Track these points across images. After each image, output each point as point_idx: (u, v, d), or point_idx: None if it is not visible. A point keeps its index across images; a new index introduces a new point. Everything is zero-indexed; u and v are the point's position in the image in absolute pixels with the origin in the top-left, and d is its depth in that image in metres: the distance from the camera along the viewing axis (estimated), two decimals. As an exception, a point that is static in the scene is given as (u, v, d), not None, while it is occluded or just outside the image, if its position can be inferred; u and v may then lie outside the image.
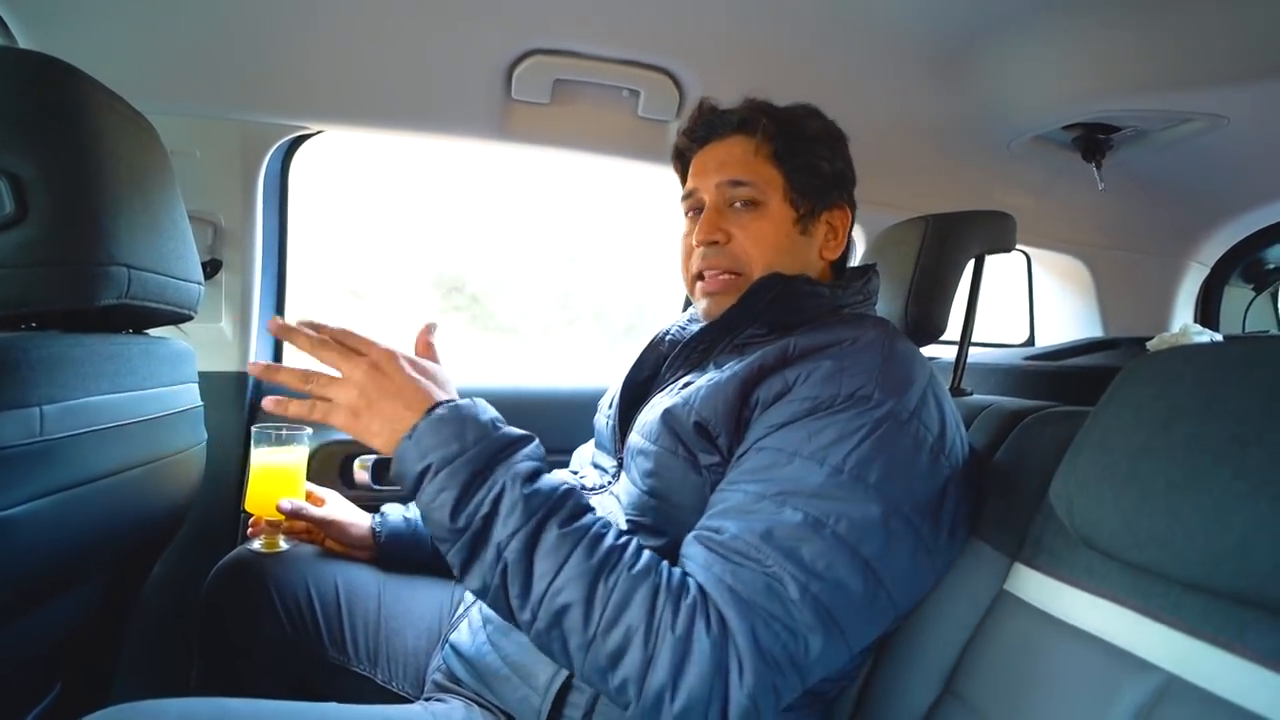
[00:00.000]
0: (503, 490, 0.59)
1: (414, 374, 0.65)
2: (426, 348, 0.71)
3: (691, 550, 0.62)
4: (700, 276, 0.83)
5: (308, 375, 0.65)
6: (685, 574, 0.60)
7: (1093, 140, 1.34)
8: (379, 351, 0.65)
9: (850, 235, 0.87)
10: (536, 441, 0.65)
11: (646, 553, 0.61)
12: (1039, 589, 0.66)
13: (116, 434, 0.74)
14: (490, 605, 0.61)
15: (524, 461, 0.62)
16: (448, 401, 0.64)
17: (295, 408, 0.65)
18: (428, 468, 0.60)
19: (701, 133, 0.86)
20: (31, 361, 0.62)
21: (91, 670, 0.95)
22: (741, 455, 0.67)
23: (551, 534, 0.59)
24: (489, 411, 0.65)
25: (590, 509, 0.63)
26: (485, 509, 0.59)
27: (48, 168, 0.63)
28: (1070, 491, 0.58)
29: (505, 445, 0.62)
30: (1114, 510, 0.54)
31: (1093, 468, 0.57)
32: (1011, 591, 0.69)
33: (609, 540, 0.60)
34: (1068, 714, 0.57)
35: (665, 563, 0.60)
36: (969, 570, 0.72)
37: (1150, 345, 0.98)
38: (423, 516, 0.62)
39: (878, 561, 0.61)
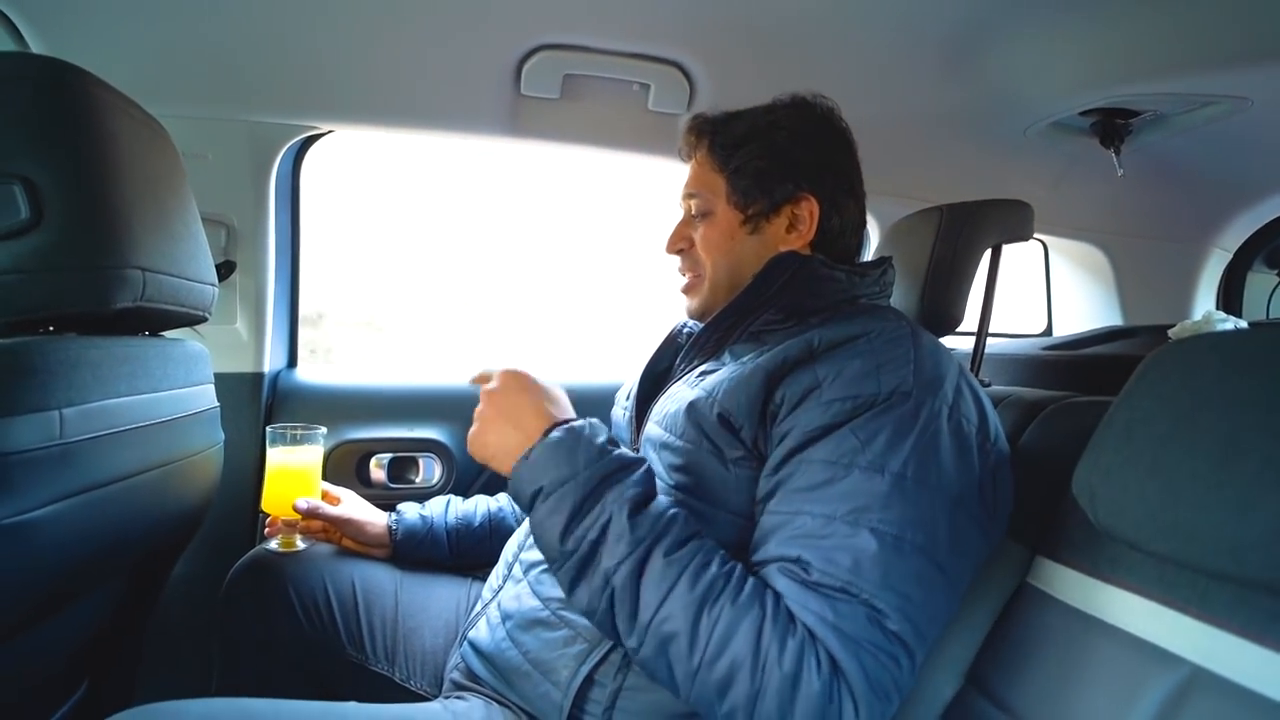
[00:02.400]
0: (610, 518, 0.61)
1: (532, 397, 0.69)
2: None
3: (780, 585, 0.60)
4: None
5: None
6: (789, 608, 0.59)
7: (1111, 125, 1.31)
8: (500, 376, 0.72)
9: (832, 222, 0.83)
10: (646, 465, 0.67)
11: (751, 581, 0.60)
12: (1061, 582, 0.66)
13: (135, 436, 0.75)
14: (597, 627, 0.63)
15: (633, 488, 0.63)
16: (564, 423, 0.66)
17: None
18: (539, 490, 0.63)
19: (687, 151, 0.89)
20: (50, 365, 0.63)
21: (117, 668, 0.96)
22: (781, 464, 0.66)
23: (657, 562, 0.60)
24: (603, 434, 0.67)
25: (696, 534, 0.63)
26: (593, 534, 0.61)
27: (62, 173, 0.64)
28: (1093, 482, 0.57)
29: (616, 470, 0.64)
30: (1138, 501, 0.53)
31: (1115, 458, 0.56)
32: (1034, 584, 0.68)
33: (714, 569, 0.60)
34: (1092, 707, 0.56)
35: (770, 593, 0.60)
36: (990, 563, 0.72)
37: (1172, 333, 0.96)
38: (534, 538, 0.65)
39: (950, 562, 0.61)
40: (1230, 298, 1.92)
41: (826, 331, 0.70)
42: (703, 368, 0.79)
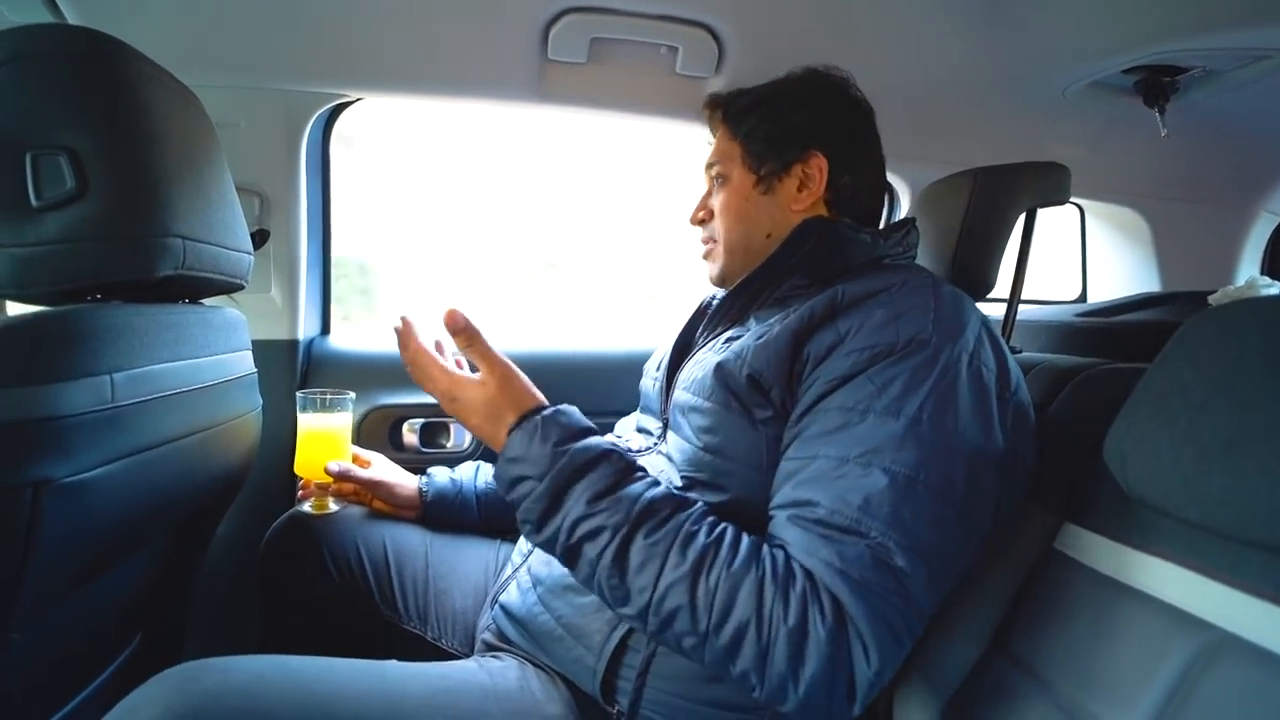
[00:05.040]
0: (579, 518, 0.62)
1: (473, 393, 0.69)
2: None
3: (788, 534, 0.61)
4: None
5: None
6: (789, 558, 0.59)
7: (1156, 83, 1.26)
8: (439, 394, 0.71)
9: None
10: (616, 452, 0.66)
11: (746, 541, 0.61)
12: (1090, 547, 0.66)
13: (179, 400, 0.77)
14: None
15: (600, 481, 0.63)
16: (520, 422, 0.66)
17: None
18: (515, 501, 0.66)
19: (710, 130, 0.91)
20: (100, 332, 0.65)
21: (167, 623, 1.01)
22: (803, 415, 0.67)
23: (638, 545, 0.61)
24: (555, 433, 0.65)
25: (680, 509, 0.63)
26: (564, 537, 0.63)
27: (105, 143, 0.65)
28: (1125, 449, 0.57)
29: (579, 469, 0.63)
30: (1171, 468, 0.52)
31: (1149, 424, 0.55)
32: (1061, 550, 0.69)
33: (701, 538, 0.61)
34: (1118, 670, 0.56)
35: (767, 548, 0.60)
36: (1017, 528, 0.72)
37: (1213, 299, 0.94)
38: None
39: (967, 505, 0.61)
40: (1278, 262, 1.85)
41: (850, 287, 0.71)
42: (728, 334, 0.79)
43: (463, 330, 0.68)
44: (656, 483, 0.66)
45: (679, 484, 0.73)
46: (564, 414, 0.67)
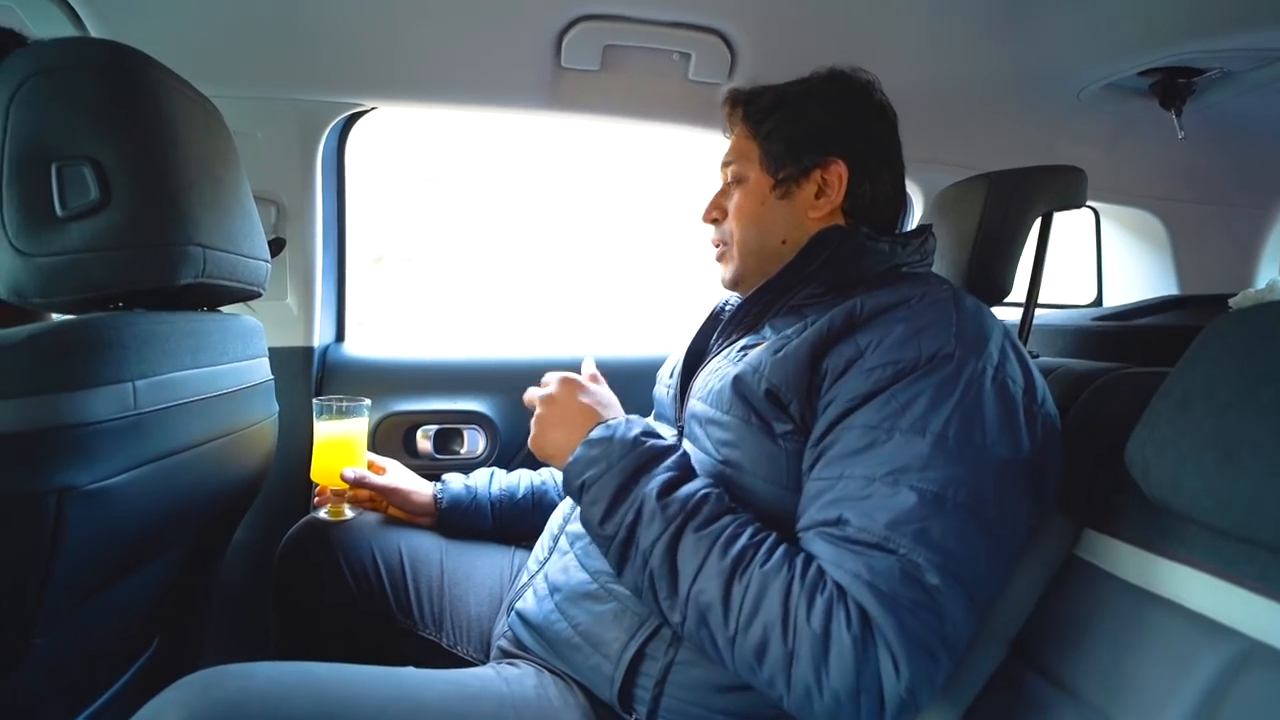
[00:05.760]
0: (643, 502, 0.65)
1: (583, 399, 0.76)
2: (593, 378, 0.83)
3: (817, 548, 0.61)
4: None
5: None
6: (820, 568, 0.59)
7: (1173, 85, 1.25)
8: (558, 382, 0.78)
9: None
10: (681, 452, 0.70)
11: (782, 547, 0.62)
12: (1112, 555, 0.65)
13: (199, 407, 0.78)
14: (647, 606, 0.68)
15: (664, 473, 0.67)
16: (603, 422, 0.72)
17: None
18: (583, 483, 0.69)
19: (726, 125, 0.90)
20: (124, 340, 0.65)
21: (184, 629, 1.02)
22: (825, 434, 0.66)
23: (689, 539, 0.62)
24: (638, 428, 0.71)
25: (730, 510, 0.65)
26: (630, 518, 0.65)
27: (127, 154, 0.66)
28: (1147, 454, 0.56)
29: (648, 460, 0.68)
30: (1195, 473, 0.52)
31: (1171, 430, 0.55)
32: (1082, 557, 0.68)
33: (744, 539, 0.62)
34: (1144, 679, 0.56)
35: (801, 556, 0.60)
36: (1037, 535, 0.71)
37: (1233, 302, 0.93)
38: (584, 528, 0.70)
39: (999, 521, 0.60)
40: (1298, 265, 1.83)
41: (869, 299, 0.70)
42: (743, 342, 0.79)
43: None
44: (710, 483, 0.68)
45: None
46: (637, 420, 0.73)
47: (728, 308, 0.93)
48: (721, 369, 0.76)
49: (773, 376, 0.69)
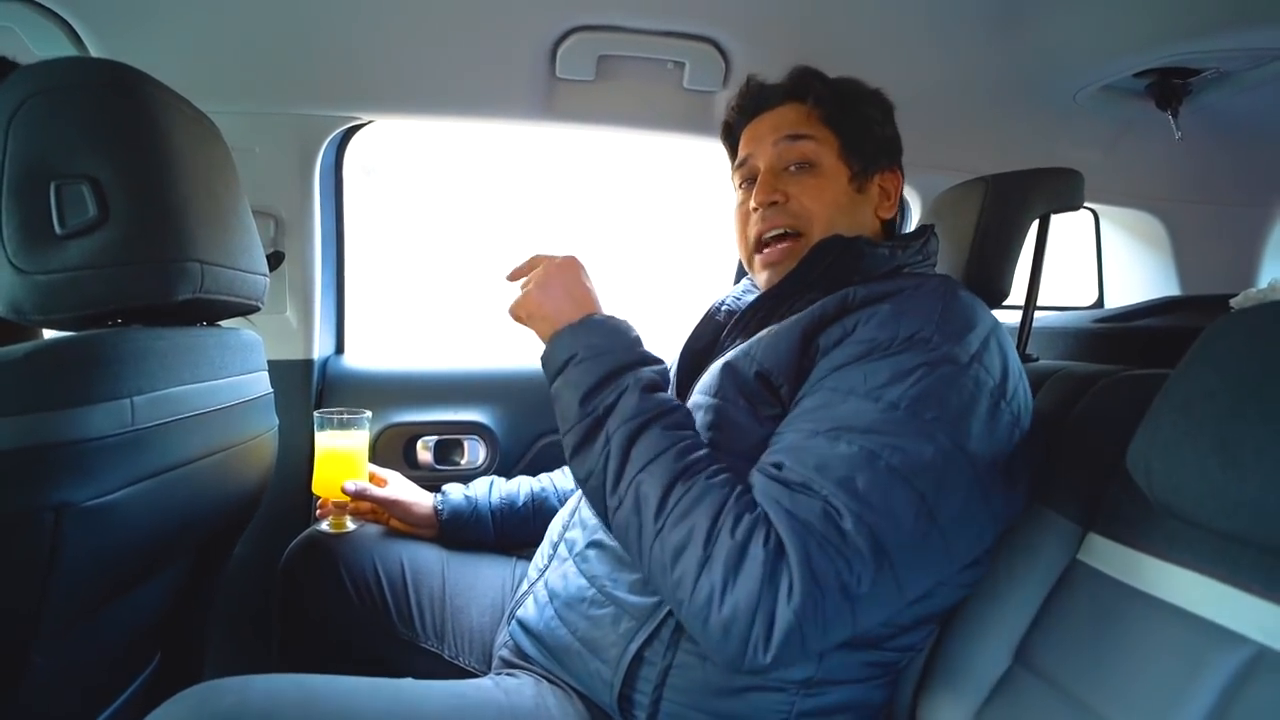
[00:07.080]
0: (626, 389, 0.67)
1: (587, 283, 0.76)
2: None
3: (754, 480, 0.64)
4: (760, 248, 0.84)
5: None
6: (753, 497, 0.62)
7: (1169, 86, 1.25)
8: (566, 256, 0.78)
9: (902, 199, 0.86)
10: (665, 365, 0.73)
11: (729, 473, 0.64)
12: (1115, 559, 0.64)
13: (198, 422, 0.78)
14: (587, 495, 0.69)
15: (652, 375, 0.69)
16: (605, 314, 0.74)
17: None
18: (573, 356, 0.70)
19: (751, 106, 0.88)
20: (121, 356, 0.66)
21: (185, 644, 1.01)
22: (800, 399, 0.68)
23: (653, 432, 0.65)
24: (635, 331, 0.74)
25: (698, 438, 0.67)
26: (609, 400, 0.67)
27: (125, 171, 0.66)
28: (1149, 458, 0.56)
29: (641, 359, 0.71)
30: (1198, 476, 0.51)
31: (1174, 432, 0.54)
32: (1086, 562, 0.67)
33: (699, 454, 0.65)
34: (1151, 686, 0.55)
35: (741, 485, 0.63)
36: (1039, 540, 0.71)
37: (1235, 302, 0.92)
38: (554, 399, 0.71)
39: (932, 498, 0.59)
40: (1300, 264, 1.82)
41: (863, 289, 0.71)
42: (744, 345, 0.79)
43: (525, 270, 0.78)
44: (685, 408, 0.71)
45: None
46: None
47: (724, 307, 0.93)
48: (715, 365, 0.76)
49: (764, 359, 0.70)
